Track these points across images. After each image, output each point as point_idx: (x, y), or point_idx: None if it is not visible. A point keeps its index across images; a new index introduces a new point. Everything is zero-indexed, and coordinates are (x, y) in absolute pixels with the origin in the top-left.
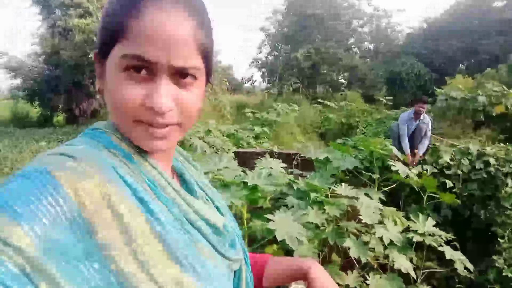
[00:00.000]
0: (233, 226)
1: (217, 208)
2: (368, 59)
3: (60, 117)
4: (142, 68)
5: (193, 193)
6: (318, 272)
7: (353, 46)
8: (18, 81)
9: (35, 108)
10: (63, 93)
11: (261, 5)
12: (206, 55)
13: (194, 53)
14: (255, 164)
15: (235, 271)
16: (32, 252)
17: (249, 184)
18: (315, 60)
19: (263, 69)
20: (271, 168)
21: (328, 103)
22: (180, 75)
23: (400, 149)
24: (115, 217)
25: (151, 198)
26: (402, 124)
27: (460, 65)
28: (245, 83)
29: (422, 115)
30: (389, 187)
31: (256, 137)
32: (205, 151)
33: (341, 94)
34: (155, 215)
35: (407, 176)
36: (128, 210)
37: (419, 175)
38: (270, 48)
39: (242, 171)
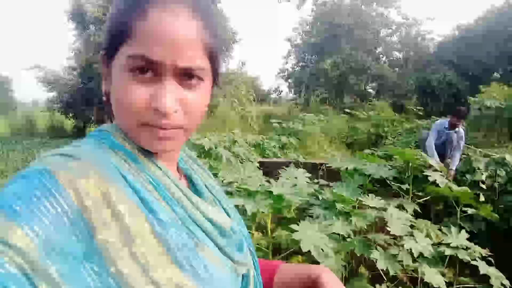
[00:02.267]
0: (241, 228)
1: (225, 210)
2: (397, 68)
3: (93, 129)
4: (148, 69)
5: (201, 194)
6: (329, 278)
7: (381, 55)
8: (54, 94)
9: (70, 120)
10: (96, 105)
11: (288, 16)
12: (213, 55)
13: (200, 53)
14: (280, 174)
15: (243, 275)
16: (32, 252)
17: (274, 193)
18: (343, 69)
19: (290, 80)
20: (295, 178)
21: (356, 112)
22: (185, 76)
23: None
24: (115, 217)
25: (154, 198)
26: (433, 131)
27: (495, 73)
28: (272, 93)
29: (457, 127)
30: (422, 199)
31: (282, 147)
32: (230, 160)
33: (369, 104)
34: (157, 215)
35: (445, 187)
36: (129, 210)
37: (457, 183)
38: (297, 59)
39: (266, 180)
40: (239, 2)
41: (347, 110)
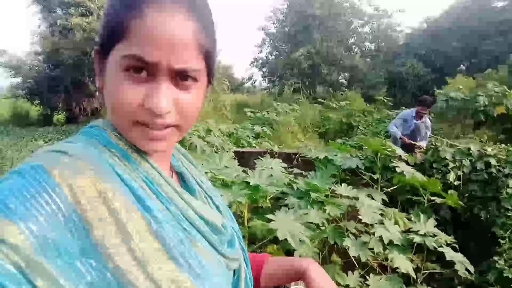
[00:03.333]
0: (232, 225)
1: (216, 207)
2: (368, 59)
3: (60, 116)
4: (142, 69)
5: (192, 191)
6: (316, 271)
7: (353, 46)
8: (18, 80)
9: (35, 107)
10: (63, 92)
11: (262, 4)
12: (208, 56)
13: (195, 54)
14: (255, 163)
15: (234, 270)
16: (28, 249)
17: (251, 184)
18: (316, 60)
19: (264, 69)
20: (271, 168)
21: (329, 102)
22: (180, 77)
23: (396, 144)
24: (111, 214)
25: (148, 196)
26: (398, 118)
27: (461, 65)
28: (246, 82)
29: (423, 117)
30: (391, 188)
31: (256, 137)
32: (204, 150)
33: (342, 94)
34: (152, 212)
35: (411, 176)
36: (125, 207)
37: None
38: (271, 48)
39: (242, 170)
40: None
41: (319, 100)
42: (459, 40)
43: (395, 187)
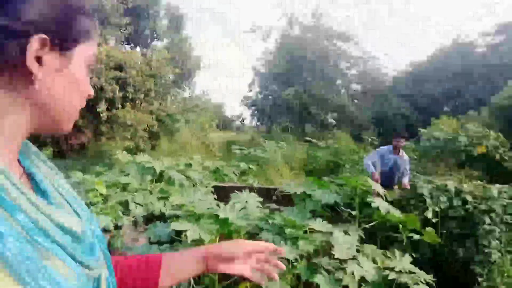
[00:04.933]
0: (93, 228)
1: (75, 211)
2: (356, 100)
3: (48, 151)
4: None
5: (46, 196)
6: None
7: (341, 87)
8: None
9: None
10: None
11: (253, 46)
12: None
13: None
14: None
15: (94, 279)
16: None
17: (220, 217)
18: (304, 99)
19: (253, 107)
20: (246, 202)
21: (316, 141)
22: None
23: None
24: None
25: None
26: (374, 153)
27: (445, 107)
28: (235, 120)
29: (400, 152)
30: (369, 224)
31: (242, 174)
32: (182, 184)
33: (329, 133)
34: None
35: (387, 212)
36: None
37: (402, 209)
38: (260, 87)
39: (216, 204)
40: (206, 31)
41: (307, 138)
42: (443, 83)
43: (373, 223)
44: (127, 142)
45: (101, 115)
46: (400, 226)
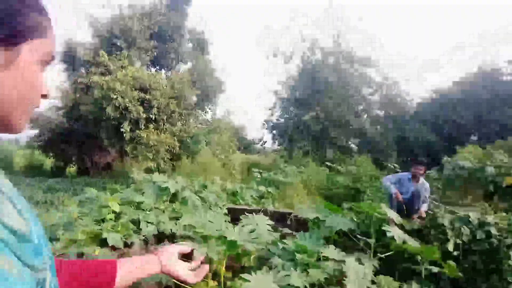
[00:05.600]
0: (38, 230)
1: (19, 212)
2: (378, 126)
3: (73, 169)
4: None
5: None
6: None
7: (363, 112)
8: (35, 131)
9: (49, 158)
10: (77, 145)
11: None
12: None
13: None
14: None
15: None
16: None
17: (228, 238)
18: (325, 124)
19: (274, 131)
20: (257, 225)
21: (337, 166)
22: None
23: (392, 208)
24: None
25: None
26: (393, 175)
27: (472, 135)
28: (256, 143)
29: (420, 179)
30: (385, 254)
31: (261, 197)
32: (196, 205)
33: (350, 158)
34: None
35: (404, 242)
36: None
37: (422, 239)
38: (282, 111)
39: (227, 226)
40: (229, 55)
41: (327, 163)
42: (469, 110)
43: (390, 253)
44: (149, 163)
45: (124, 135)
46: (419, 257)
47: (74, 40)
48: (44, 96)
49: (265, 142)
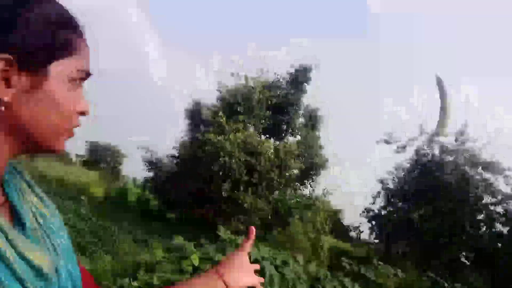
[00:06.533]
0: (69, 268)
1: (53, 246)
2: (500, 244)
3: (173, 215)
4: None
5: (23, 226)
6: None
7: (481, 224)
8: (150, 174)
9: (156, 201)
10: (182, 195)
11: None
12: None
13: None
14: None
15: None
16: None
17: None
18: (435, 227)
19: (373, 222)
20: None
21: (443, 282)
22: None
23: None
24: None
25: None
26: None
27: None
28: (351, 230)
29: None
30: None
31: None
32: (272, 278)
33: (461, 275)
34: None
35: None
36: None
37: None
38: (385, 202)
39: None
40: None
41: (431, 275)
42: None
43: None
44: (240, 225)
45: (223, 193)
46: None
47: (203, 102)
48: (82, 113)
49: (362, 232)
